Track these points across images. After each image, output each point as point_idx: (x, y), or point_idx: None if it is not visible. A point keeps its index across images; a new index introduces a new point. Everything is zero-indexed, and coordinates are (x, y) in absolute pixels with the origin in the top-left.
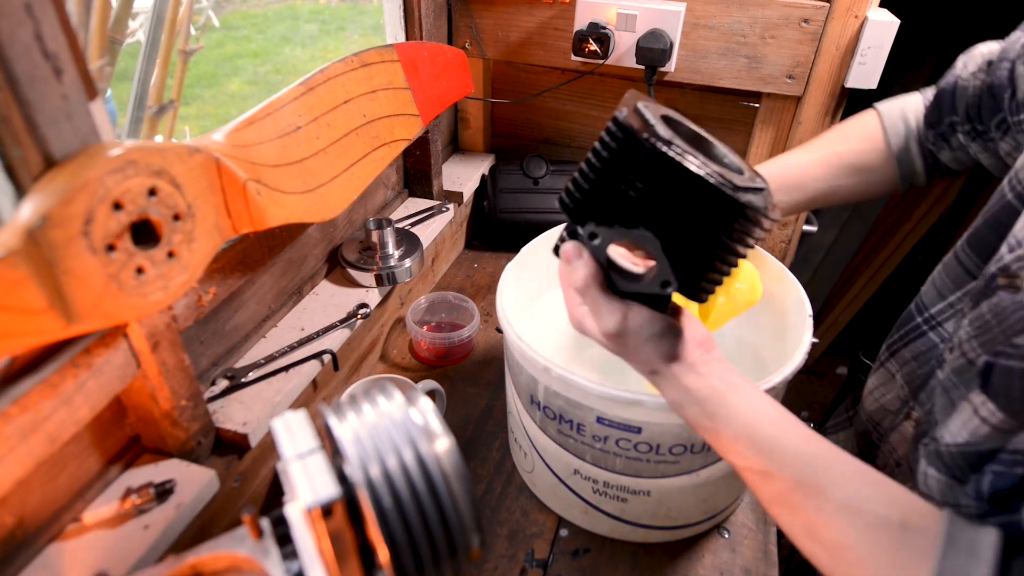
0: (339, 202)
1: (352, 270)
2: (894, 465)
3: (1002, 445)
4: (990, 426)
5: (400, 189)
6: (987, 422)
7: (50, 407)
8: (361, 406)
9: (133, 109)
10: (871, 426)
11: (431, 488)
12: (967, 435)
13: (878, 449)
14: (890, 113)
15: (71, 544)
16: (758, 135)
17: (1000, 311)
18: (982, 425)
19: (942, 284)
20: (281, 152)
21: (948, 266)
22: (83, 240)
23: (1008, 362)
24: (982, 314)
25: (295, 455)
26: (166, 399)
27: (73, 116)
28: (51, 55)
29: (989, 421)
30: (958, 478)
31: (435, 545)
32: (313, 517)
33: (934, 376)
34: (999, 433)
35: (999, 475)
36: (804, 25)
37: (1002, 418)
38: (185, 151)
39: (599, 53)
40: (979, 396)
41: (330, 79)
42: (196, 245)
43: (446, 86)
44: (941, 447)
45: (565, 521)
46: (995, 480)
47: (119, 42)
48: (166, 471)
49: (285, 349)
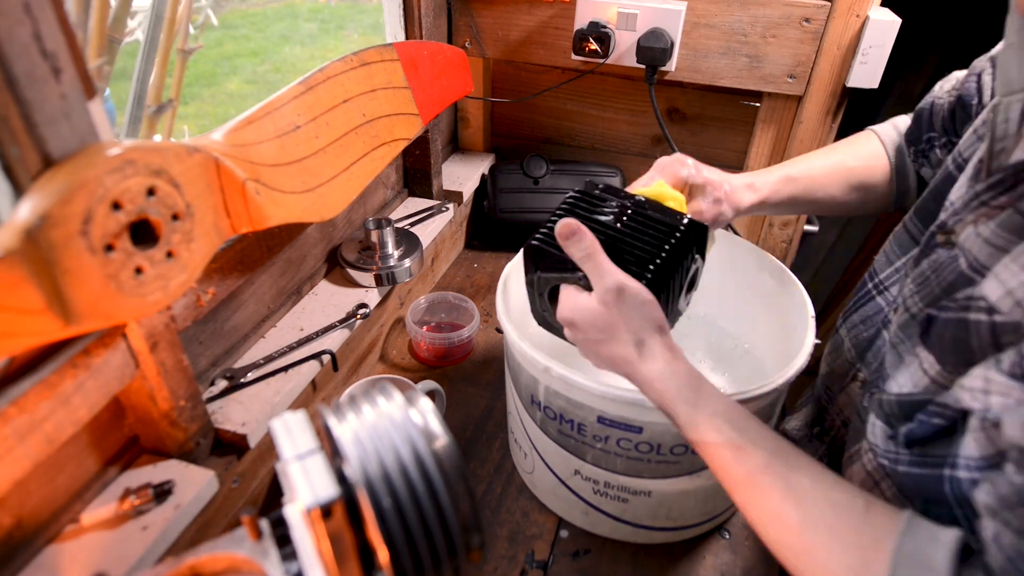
0: (338, 202)
1: (351, 270)
2: (840, 425)
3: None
4: (929, 378)
5: (400, 189)
6: (927, 374)
7: (48, 408)
8: (360, 407)
9: (132, 108)
10: (823, 391)
11: (431, 489)
12: (910, 386)
13: (827, 412)
14: (886, 131)
15: (69, 545)
16: (759, 134)
17: (938, 266)
18: (923, 377)
19: (891, 251)
20: (280, 151)
21: (897, 235)
22: (81, 240)
23: (947, 315)
24: (923, 271)
25: (294, 456)
26: (165, 399)
27: (71, 115)
28: (49, 54)
29: (928, 373)
30: (891, 425)
31: (435, 546)
32: (312, 518)
33: (880, 337)
34: (935, 386)
35: (920, 423)
36: (805, 24)
37: (939, 370)
38: (184, 150)
39: (599, 52)
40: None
41: (329, 78)
42: (195, 245)
43: (446, 85)
44: (883, 396)
45: (565, 522)
46: (915, 428)
47: (118, 41)
48: (165, 472)
49: (284, 349)
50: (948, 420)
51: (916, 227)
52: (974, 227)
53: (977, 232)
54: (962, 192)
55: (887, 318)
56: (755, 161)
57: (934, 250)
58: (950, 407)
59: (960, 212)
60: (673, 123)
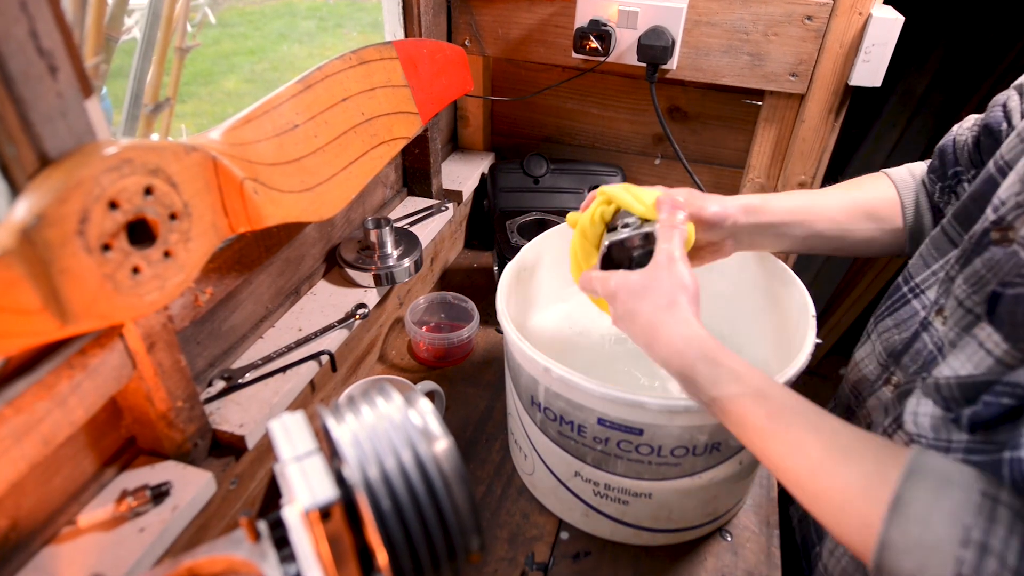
0: (337, 201)
1: (350, 270)
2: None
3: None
4: (994, 358)
5: (399, 188)
6: (991, 354)
7: (44, 408)
8: (359, 407)
9: (129, 107)
10: (852, 396)
11: (430, 490)
12: (971, 368)
13: (853, 415)
14: (898, 172)
15: (66, 547)
16: (761, 133)
17: (994, 264)
18: (986, 357)
19: (927, 254)
20: (278, 150)
21: (934, 238)
22: (78, 239)
23: (1016, 291)
24: (976, 270)
25: (293, 457)
26: (162, 400)
27: (68, 114)
28: (46, 52)
29: (993, 353)
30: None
31: (434, 548)
32: (311, 520)
33: (918, 340)
34: (1000, 366)
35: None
36: (807, 22)
37: (1006, 348)
38: (181, 149)
39: (600, 50)
40: (985, 329)
41: (328, 77)
42: (192, 244)
43: (445, 84)
44: (940, 380)
45: (566, 524)
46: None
47: (115, 39)
48: (162, 473)
49: (282, 350)
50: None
51: (955, 230)
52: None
53: None
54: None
55: (927, 320)
56: (757, 160)
57: (987, 248)
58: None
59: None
60: (674, 122)
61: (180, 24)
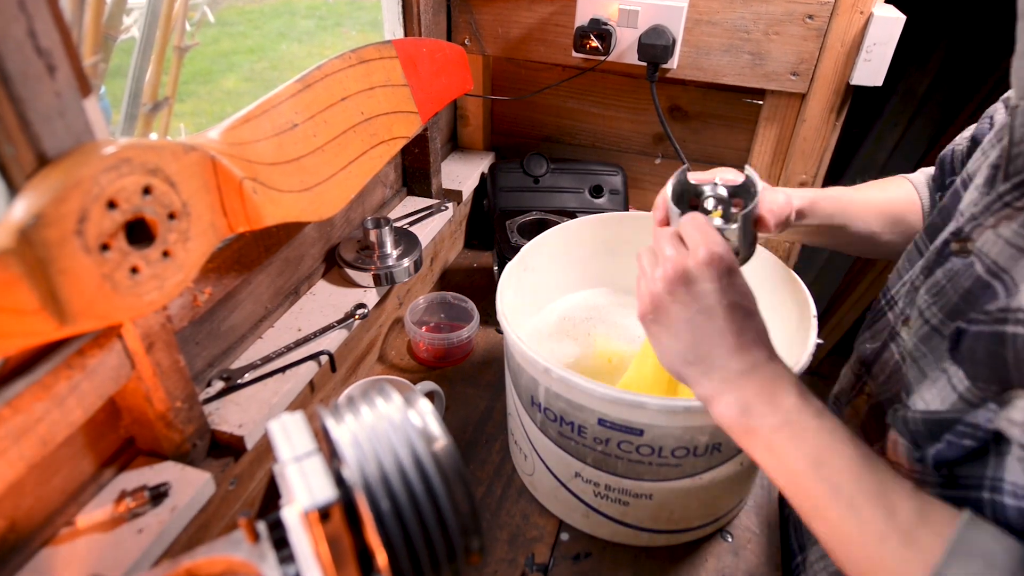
0: (336, 201)
1: (350, 270)
2: None
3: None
4: (957, 394)
5: (398, 187)
6: (955, 389)
7: (43, 409)
8: (359, 408)
9: (127, 106)
10: (834, 407)
11: (429, 491)
12: (937, 403)
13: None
14: (917, 177)
15: (64, 548)
16: (762, 133)
17: (953, 275)
18: (951, 393)
19: (901, 266)
20: (277, 150)
21: (908, 251)
22: (77, 239)
23: (978, 328)
24: (938, 280)
25: (292, 457)
26: (161, 401)
27: (67, 113)
28: (44, 52)
29: (957, 388)
30: (917, 444)
31: (434, 549)
32: (310, 520)
33: (887, 349)
34: (963, 403)
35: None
36: (808, 21)
37: (968, 385)
38: (180, 149)
39: (600, 49)
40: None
41: (327, 76)
42: (191, 244)
43: (445, 83)
44: (908, 413)
45: (566, 525)
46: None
47: (113, 38)
48: (161, 474)
49: (282, 350)
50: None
51: (923, 242)
52: (994, 230)
53: (997, 234)
54: (974, 198)
55: (894, 330)
56: (758, 159)
57: (948, 259)
58: (981, 427)
59: (978, 217)
60: (675, 121)
61: (179, 23)
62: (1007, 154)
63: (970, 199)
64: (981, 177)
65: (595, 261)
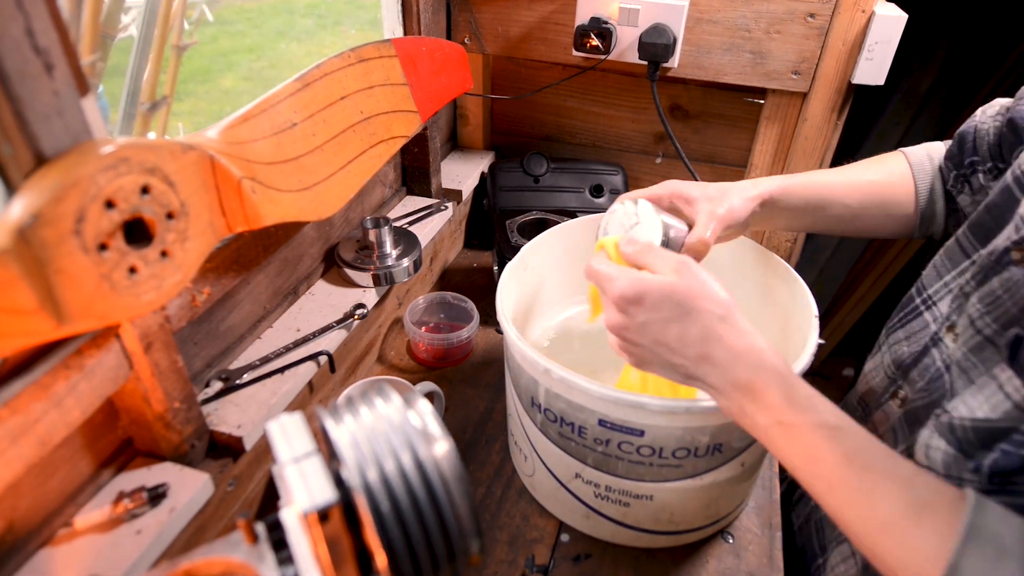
0: (336, 200)
1: (349, 270)
2: None
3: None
4: (1012, 403)
5: (398, 187)
6: (1010, 398)
7: (41, 409)
8: (358, 408)
9: (125, 105)
10: (860, 407)
11: (429, 492)
12: (987, 410)
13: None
14: (916, 153)
15: (62, 550)
16: (763, 132)
17: (1012, 285)
18: (1005, 401)
19: (941, 265)
20: (276, 149)
21: (949, 249)
22: (75, 239)
23: None
24: (993, 290)
25: (291, 458)
26: (159, 401)
27: (64, 113)
28: (42, 51)
29: (1012, 397)
30: (966, 452)
31: (434, 550)
32: (309, 522)
33: (927, 355)
34: (1019, 411)
35: (1006, 454)
36: (810, 20)
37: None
38: (178, 148)
39: (601, 48)
40: (1005, 372)
41: (326, 75)
42: (190, 244)
43: (445, 82)
44: (955, 420)
45: (566, 526)
46: (1000, 459)
47: (111, 37)
48: (159, 475)
49: (280, 350)
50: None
51: (970, 243)
52: None
53: None
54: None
55: (937, 335)
56: (759, 158)
57: (1006, 268)
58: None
59: None
60: (676, 120)
61: (177, 21)
62: None
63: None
64: None
65: None
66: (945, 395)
